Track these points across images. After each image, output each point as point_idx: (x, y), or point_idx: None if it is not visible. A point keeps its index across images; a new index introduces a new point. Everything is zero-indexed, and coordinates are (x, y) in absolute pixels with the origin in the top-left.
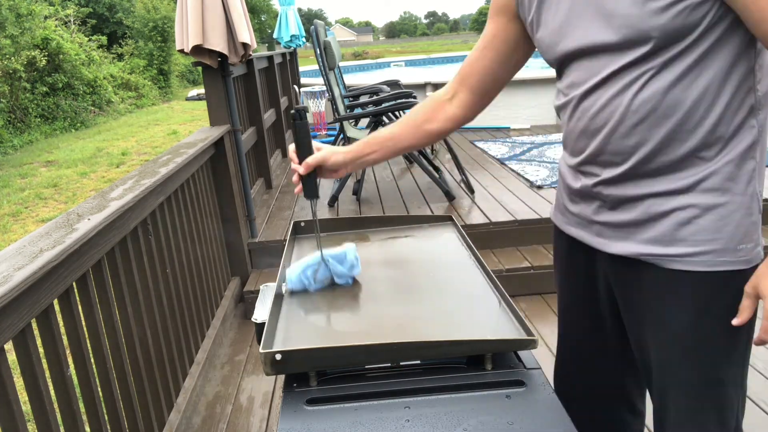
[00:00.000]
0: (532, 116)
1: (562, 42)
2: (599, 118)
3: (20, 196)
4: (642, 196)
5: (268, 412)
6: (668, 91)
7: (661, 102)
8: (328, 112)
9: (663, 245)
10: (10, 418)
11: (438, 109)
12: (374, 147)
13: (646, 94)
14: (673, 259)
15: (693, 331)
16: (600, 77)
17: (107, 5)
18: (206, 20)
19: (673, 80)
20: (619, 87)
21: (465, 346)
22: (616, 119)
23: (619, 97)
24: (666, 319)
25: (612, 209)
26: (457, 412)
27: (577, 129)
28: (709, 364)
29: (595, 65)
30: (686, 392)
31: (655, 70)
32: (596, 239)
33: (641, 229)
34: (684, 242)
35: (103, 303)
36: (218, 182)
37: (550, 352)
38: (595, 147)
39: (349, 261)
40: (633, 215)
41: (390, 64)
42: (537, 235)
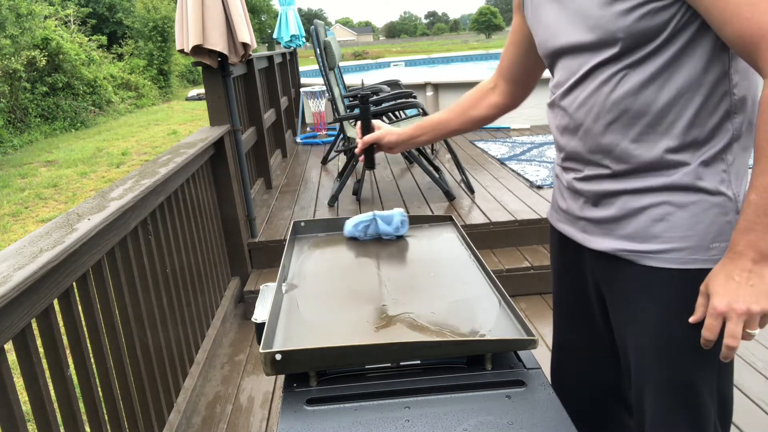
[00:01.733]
0: (532, 116)
1: (549, 42)
2: (577, 115)
3: (20, 196)
4: (618, 192)
5: (268, 412)
6: (640, 92)
7: (633, 102)
8: (328, 112)
9: (638, 241)
10: (10, 418)
11: (482, 97)
12: (424, 130)
13: (619, 94)
14: (647, 255)
15: (663, 330)
16: (577, 76)
17: (107, 5)
18: (206, 20)
19: (644, 80)
20: (594, 86)
21: (465, 346)
22: (592, 117)
23: (595, 96)
24: (639, 317)
25: (594, 205)
26: (457, 412)
27: (561, 126)
28: (680, 364)
29: (574, 64)
30: (658, 394)
31: (627, 70)
32: (581, 235)
33: (619, 225)
34: (657, 239)
35: (103, 303)
36: (218, 182)
37: (550, 352)
38: (575, 144)
39: (395, 222)
40: (611, 211)
41: (390, 64)
42: (537, 235)
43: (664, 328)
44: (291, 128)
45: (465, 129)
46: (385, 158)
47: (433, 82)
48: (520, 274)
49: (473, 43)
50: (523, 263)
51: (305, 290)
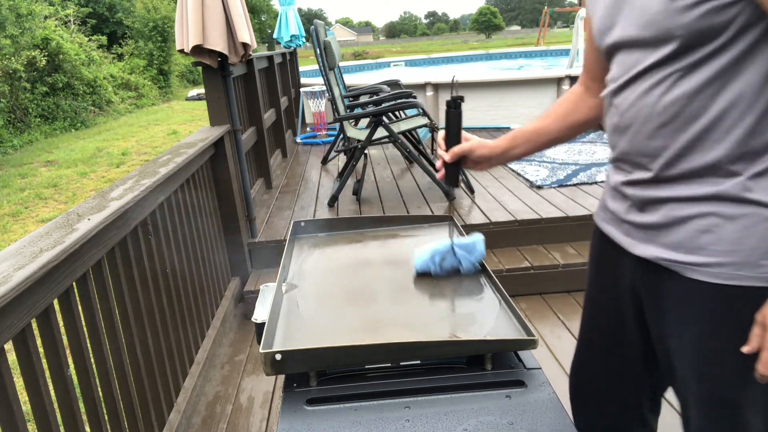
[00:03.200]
0: (532, 116)
1: (605, 34)
2: (627, 116)
3: (20, 196)
4: (665, 198)
5: (268, 412)
6: (694, 96)
7: (686, 106)
8: (328, 112)
9: (683, 252)
10: (10, 418)
11: (579, 101)
12: (519, 141)
13: (672, 97)
14: (691, 267)
15: (704, 346)
16: (631, 74)
17: (107, 5)
18: (206, 20)
19: (700, 85)
20: (646, 86)
21: (465, 346)
22: (642, 119)
23: (646, 97)
24: (680, 330)
25: (639, 210)
26: (457, 412)
27: (611, 124)
28: (721, 381)
29: (629, 61)
30: (700, 409)
31: (682, 73)
32: (625, 239)
33: (663, 233)
34: (703, 251)
35: (103, 303)
36: (218, 182)
37: (550, 352)
38: (624, 145)
39: (478, 251)
40: (656, 218)
41: (390, 64)
42: (537, 235)
43: (705, 344)
44: (291, 128)
45: (565, 136)
46: (385, 158)
47: (433, 82)
48: (520, 274)
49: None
50: (523, 263)
51: (305, 290)
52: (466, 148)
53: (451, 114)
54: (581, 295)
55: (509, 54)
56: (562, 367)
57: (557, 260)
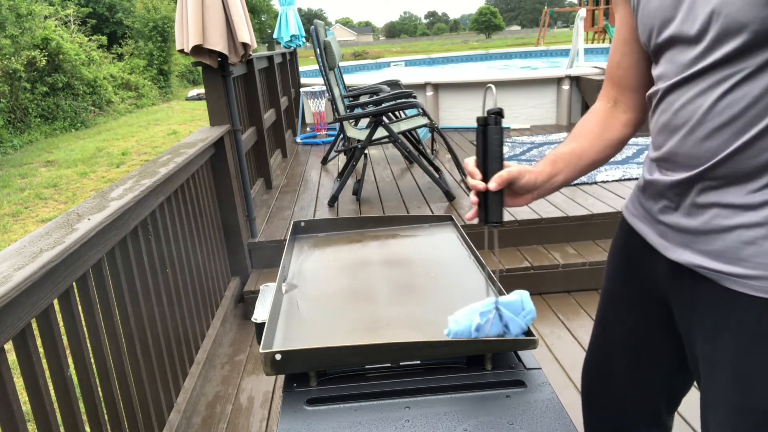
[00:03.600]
0: (532, 116)
1: (660, 27)
2: (680, 115)
3: (20, 196)
4: (708, 204)
5: (268, 412)
6: (762, 97)
7: (750, 107)
8: (328, 112)
9: (722, 261)
10: (10, 418)
11: (609, 118)
12: (561, 165)
13: (735, 96)
14: (730, 278)
15: (742, 357)
16: (688, 72)
17: (107, 5)
18: (206, 20)
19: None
20: (705, 85)
21: (465, 346)
22: (696, 119)
23: (703, 96)
24: (714, 340)
25: (678, 212)
26: (457, 412)
27: (659, 123)
28: (757, 394)
29: (685, 57)
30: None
31: (750, 71)
32: (659, 240)
33: (702, 240)
34: (745, 262)
35: (103, 303)
36: (218, 182)
37: (550, 352)
38: (673, 145)
39: (527, 311)
40: (696, 223)
41: (390, 64)
42: (537, 235)
43: (743, 355)
44: (291, 128)
45: (605, 157)
46: (385, 158)
47: (433, 82)
48: (520, 274)
49: (473, 43)
50: (523, 263)
51: (305, 290)
52: (515, 173)
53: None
54: (581, 295)
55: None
56: (562, 367)
57: (557, 260)
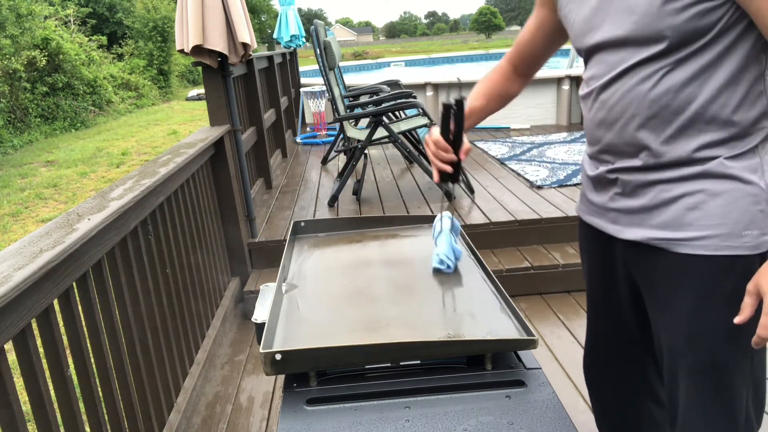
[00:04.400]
0: (532, 116)
1: (588, 34)
2: (615, 110)
3: (20, 196)
4: (652, 182)
5: (268, 412)
6: (681, 89)
7: (674, 98)
8: (328, 112)
9: (671, 230)
10: (10, 418)
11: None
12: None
13: (659, 90)
14: (680, 243)
15: (696, 315)
16: (618, 70)
17: (107, 5)
18: (206, 20)
19: (686, 78)
20: (635, 81)
21: (465, 346)
22: (631, 112)
23: (635, 91)
24: (673, 303)
25: (625, 196)
26: (457, 412)
27: (596, 119)
28: (712, 349)
29: (614, 59)
30: (691, 378)
31: (670, 67)
32: (612, 226)
33: (652, 215)
34: (691, 226)
35: (103, 303)
36: (218, 182)
37: (550, 352)
38: (611, 137)
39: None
40: (644, 201)
41: (390, 64)
42: (537, 235)
43: (697, 313)
44: (291, 128)
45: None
46: (385, 158)
47: (433, 82)
48: (520, 274)
49: (473, 43)
50: (523, 263)
51: (305, 290)
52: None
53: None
54: (581, 295)
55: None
56: (562, 367)
57: (557, 260)
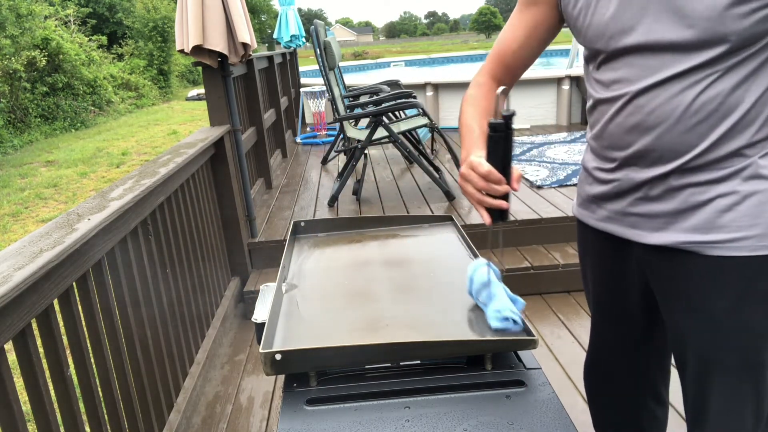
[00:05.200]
0: (532, 116)
1: (618, 35)
2: (655, 115)
3: (20, 196)
4: (682, 186)
5: (268, 412)
6: (730, 94)
7: (722, 103)
8: (328, 112)
9: (703, 232)
10: (10, 418)
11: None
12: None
13: (710, 95)
14: (713, 245)
15: (734, 315)
16: (662, 76)
17: (107, 5)
18: (206, 20)
19: (736, 83)
20: (682, 86)
21: (465, 346)
22: (675, 117)
23: (680, 96)
24: (707, 306)
25: (651, 200)
26: (457, 412)
27: (628, 124)
28: (752, 348)
29: (655, 62)
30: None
31: (721, 73)
32: (631, 231)
33: (681, 218)
34: (724, 228)
35: (103, 303)
36: (218, 182)
37: (550, 352)
38: (648, 142)
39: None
40: (673, 205)
41: (390, 64)
42: (537, 235)
43: (734, 314)
44: (291, 128)
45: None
46: (385, 158)
47: (433, 82)
48: (520, 274)
49: (473, 43)
50: (523, 263)
51: (305, 290)
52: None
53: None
54: (581, 295)
55: None
56: (562, 367)
57: (557, 260)
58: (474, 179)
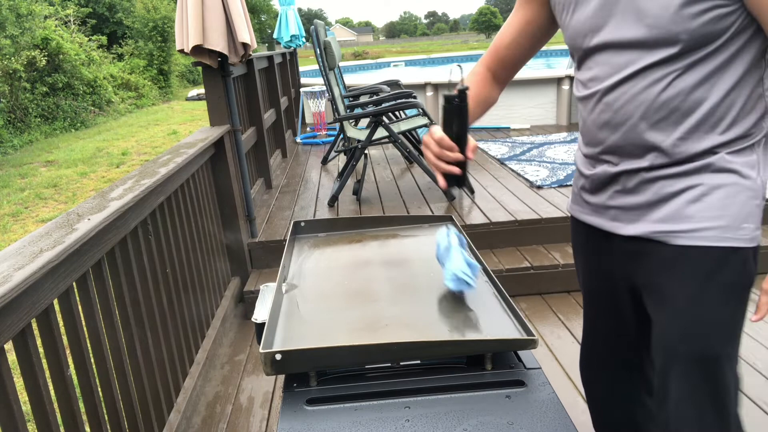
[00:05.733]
0: (532, 116)
1: (590, 34)
2: (622, 112)
3: (20, 196)
4: (654, 178)
5: (268, 412)
6: (691, 92)
7: (684, 101)
8: (328, 112)
9: (671, 222)
10: (10, 418)
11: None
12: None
13: (671, 93)
14: (679, 234)
15: (693, 305)
16: (626, 73)
17: (107, 5)
18: (206, 20)
19: (697, 81)
20: (645, 83)
21: (465, 346)
22: (640, 114)
23: (644, 93)
24: (669, 294)
25: (626, 193)
26: (457, 412)
27: (600, 121)
28: (708, 338)
29: (621, 60)
30: (685, 369)
31: (681, 71)
32: (611, 223)
33: (652, 210)
34: (691, 219)
35: (103, 303)
36: (218, 182)
37: (550, 352)
38: (617, 138)
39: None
40: (646, 197)
41: (390, 64)
42: (537, 235)
43: (694, 304)
44: (291, 128)
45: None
46: (385, 158)
47: (433, 82)
48: (520, 274)
49: (473, 43)
50: (523, 263)
51: (305, 290)
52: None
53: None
54: (581, 295)
55: None
56: (562, 367)
57: (557, 260)
58: (430, 145)
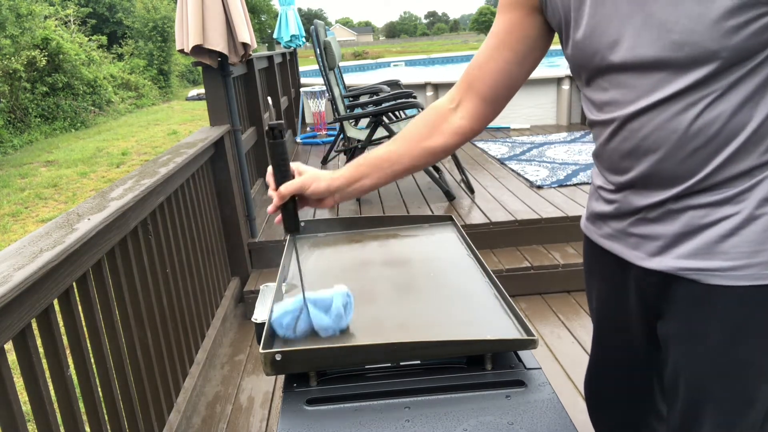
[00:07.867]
0: (532, 116)
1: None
2: (651, 140)
3: (20, 196)
4: (683, 208)
5: (268, 412)
6: (735, 114)
7: (725, 125)
8: (328, 112)
9: (702, 259)
10: (10, 418)
11: (440, 122)
12: (368, 170)
13: (709, 117)
14: (714, 273)
15: (731, 348)
16: (653, 99)
17: (107, 5)
18: (206, 20)
19: (739, 102)
20: (676, 110)
21: (465, 346)
22: (673, 144)
23: (675, 120)
24: (703, 336)
25: (651, 222)
26: (457, 412)
27: (622, 150)
28: (748, 383)
29: (644, 84)
30: (721, 413)
31: (720, 92)
32: (632, 252)
33: (681, 242)
34: (725, 255)
35: (103, 303)
36: (218, 182)
37: (550, 352)
38: (644, 169)
39: (334, 310)
40: (674, 228)
41: (390, 64)
42: (537, 235)
43: (731, 346)
44: (291, 128)
45: (421, 165)
46: None
47: (433, 82)
48: (520, 274)
49: (473, 43)
50: (523, 263)
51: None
52: (297, 185)
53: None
54: (581, 295)
55: None
56: (562, 367)
57: (557, 260)
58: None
